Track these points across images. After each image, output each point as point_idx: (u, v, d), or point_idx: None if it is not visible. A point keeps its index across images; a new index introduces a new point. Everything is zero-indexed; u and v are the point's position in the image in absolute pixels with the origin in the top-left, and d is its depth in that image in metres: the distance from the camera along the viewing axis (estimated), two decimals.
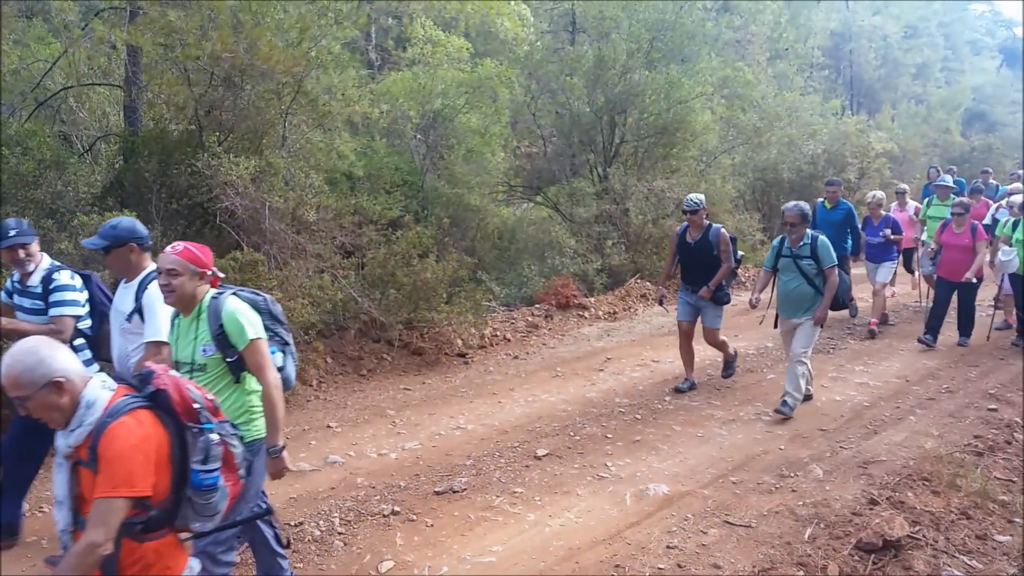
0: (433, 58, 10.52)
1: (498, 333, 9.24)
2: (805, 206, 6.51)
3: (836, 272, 6.32)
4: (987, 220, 10.37)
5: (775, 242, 6.75)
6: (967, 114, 31.32)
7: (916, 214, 10.99)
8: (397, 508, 4.91)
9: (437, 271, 8.18)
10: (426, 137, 10.54)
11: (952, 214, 8.91)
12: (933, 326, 8.90)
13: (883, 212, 9.65)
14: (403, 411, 6.83)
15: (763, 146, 15.13)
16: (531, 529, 4.66)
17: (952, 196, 10.45)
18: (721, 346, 7.39)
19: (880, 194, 9.72)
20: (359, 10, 8.72)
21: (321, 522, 4.75)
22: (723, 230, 7.06)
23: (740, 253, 7.25)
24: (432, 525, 4.72)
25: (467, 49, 10.76)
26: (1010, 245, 8.76)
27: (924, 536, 4.51)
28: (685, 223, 7.23)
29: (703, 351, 8.44)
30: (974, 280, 8.63)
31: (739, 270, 8.85)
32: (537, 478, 5.40)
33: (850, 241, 9.45)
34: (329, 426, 6.46)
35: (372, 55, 12.01)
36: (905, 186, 11.86)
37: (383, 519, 4.81)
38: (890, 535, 4.38)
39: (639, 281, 11.61)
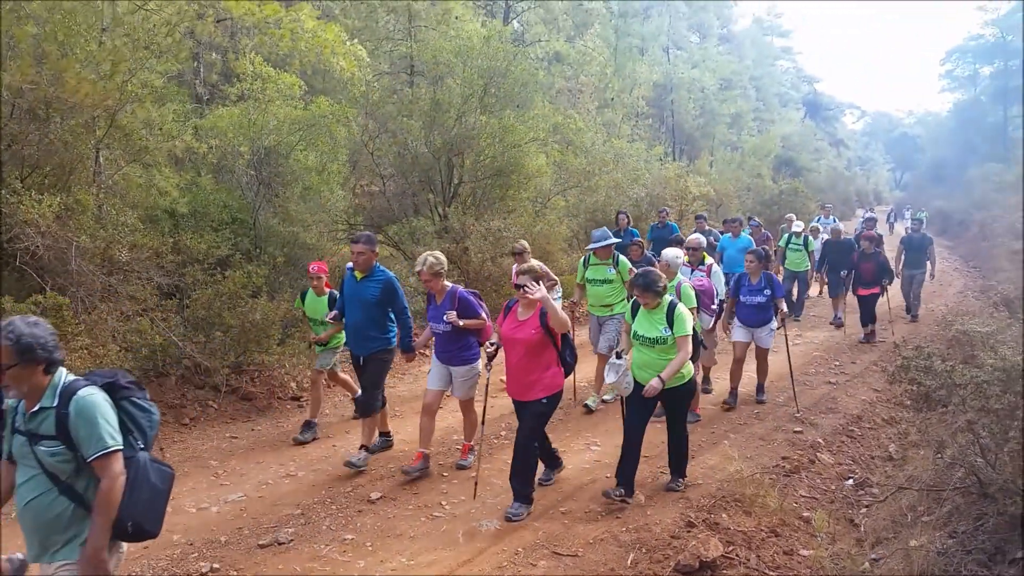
0: (263, 94, 10.25)
1: None
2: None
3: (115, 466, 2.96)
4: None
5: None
6: (777, 160, 34.59)
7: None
8: (216, 565, 4.64)
9: (268, 311, 7.90)
10: (259, 173, 10.22)
11: (515, 285, 5.43)
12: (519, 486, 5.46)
13: (448, 283, 6.12)
14: (227, 461, 6.48)
15: (593, 189, 15.93)
16: None
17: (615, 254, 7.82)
18: None
19: (436, 257, 6.01)
20: (180, 44, 8.36)
21: None
22: None
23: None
24: None
25: (299, 86, 10.59)
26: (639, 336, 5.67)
27: (737, 555, 4.84)
28: None
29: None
30: (543, 400, 5.37)
31: None
32: (370, 523, 5.29)
33: (393, 331, 6.34)
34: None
35: (200, 89, 11.55)
36: (524, 243, 8.68)
37: None
38: (706, 556, 4.66)
39: None
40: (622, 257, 7.98)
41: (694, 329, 5.55)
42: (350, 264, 6.31)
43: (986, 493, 4.58)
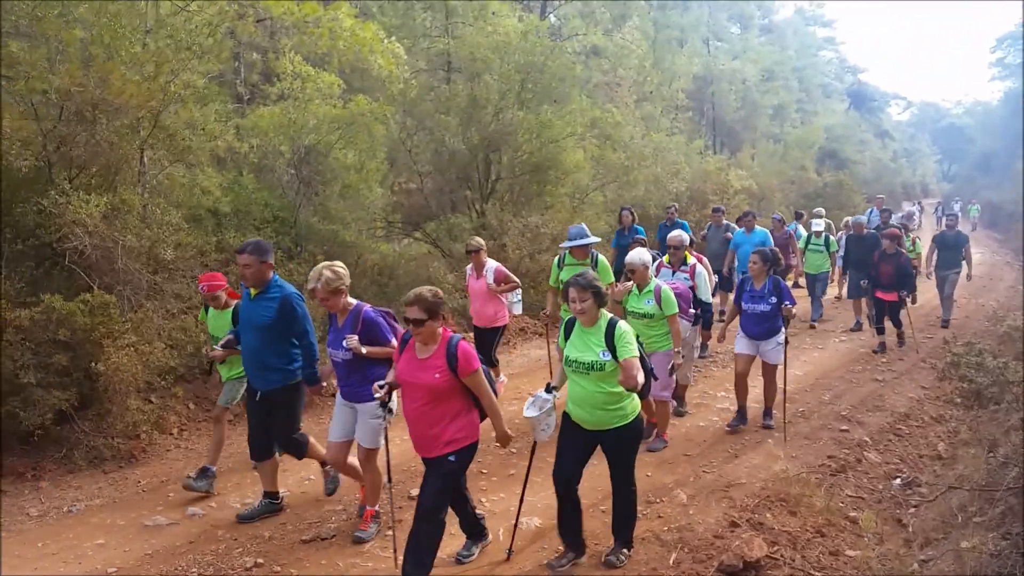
0: (303, 93, 10.40)
1: None
2: None
3: None
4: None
5: None
6: (820, 152, 33.77)
7: (497, 282, 7.67)
8: (260, 560, 4.72)
9: (310, 309, 7.97)
10: (299, 172, 10.35)
11: (405, 319, 4.24)
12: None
13: (352, 299, 5.01)
14: None
15: (632, 184, 15.77)
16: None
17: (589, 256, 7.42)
18: None
19: (334, 271, 4.88)
20: (221, 44, 8.51)
21: None
22: None
23: None
24: None
25: (338, 85, 10.71)
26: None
27: (782, 556, 4.76)
28: None
29: None
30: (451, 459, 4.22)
31: None
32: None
33: (299, 360, 5.26)
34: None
35: (240, 89, 11.75)
36: (479, 240, 7.96)
37: (245, 573, 4.60)
38: (750, 556, 4.59)
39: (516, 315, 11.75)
40: (601, 257, 7.49)
41: (641, 356, 4.50)
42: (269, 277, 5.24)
43: None
